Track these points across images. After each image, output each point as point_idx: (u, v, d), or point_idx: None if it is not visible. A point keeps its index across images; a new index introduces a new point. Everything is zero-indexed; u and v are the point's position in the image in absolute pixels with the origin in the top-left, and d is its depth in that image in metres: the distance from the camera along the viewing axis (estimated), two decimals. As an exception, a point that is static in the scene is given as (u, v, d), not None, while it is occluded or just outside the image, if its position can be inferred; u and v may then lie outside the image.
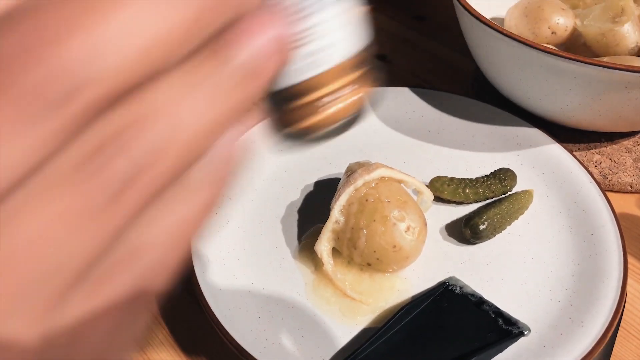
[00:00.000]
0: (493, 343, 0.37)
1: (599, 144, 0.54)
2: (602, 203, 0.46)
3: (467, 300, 0.40)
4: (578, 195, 0.47)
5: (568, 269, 0.43)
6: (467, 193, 0.47)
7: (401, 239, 0.40)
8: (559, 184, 0.49)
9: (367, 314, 0.40)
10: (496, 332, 0.38)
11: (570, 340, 0.38)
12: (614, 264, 0.42)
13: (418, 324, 0.38)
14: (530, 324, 0.39)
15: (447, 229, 0.46)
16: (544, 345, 0.38)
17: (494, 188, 0.47)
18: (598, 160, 0.53)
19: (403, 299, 0.41)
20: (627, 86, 0.45)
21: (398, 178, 0.42)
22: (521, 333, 0.38)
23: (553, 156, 0.50)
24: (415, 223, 0.41)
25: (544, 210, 0.47)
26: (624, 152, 0.53)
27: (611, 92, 0.46)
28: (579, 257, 0.43)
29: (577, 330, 0.38)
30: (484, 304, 0.39)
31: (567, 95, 0.48)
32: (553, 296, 0.41)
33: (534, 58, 0.46)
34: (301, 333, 0.39)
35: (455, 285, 0.41)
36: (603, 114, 0.49)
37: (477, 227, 0.44)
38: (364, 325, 0.39)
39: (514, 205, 0.46)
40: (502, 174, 0.48)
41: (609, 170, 0.52)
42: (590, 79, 0.45)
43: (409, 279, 0.42)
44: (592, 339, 0.37)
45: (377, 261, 0.40)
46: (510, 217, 0.45)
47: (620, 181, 0.51)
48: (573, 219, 0.46)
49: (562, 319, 0.39)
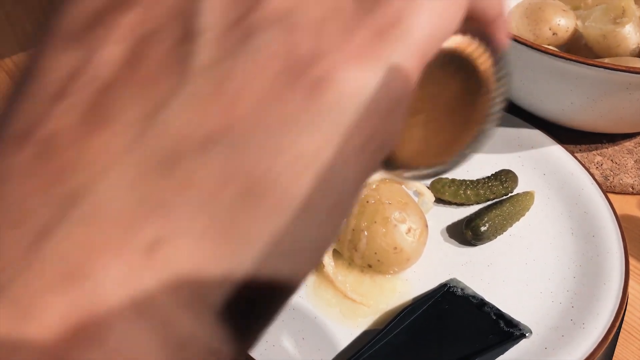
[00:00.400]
0: (494, 345, 0.37)
1: (600, 146, 0.54)
2: (604, 204, 0.46)
3: (468, 302, 0.40)
4: (579, 197, 0.47)
5: (569, 271, 0.43)
6: (468, 194, 0.47)
7: (402, 240, 0.40)
8: (560, 185, 0.49)
9: (368, 316, 0.40)
10: (497, 334, 0.38)
11: (572, 342, 0.38)
12: (616, 265, 0.42)
13: (419, 326, 0.38)
14: (532, 325, 0.38)
15: (448, 230, 0.46)
16: (545, 347, 0.38)
17: (495, 189, 0.47)
18: (599, 161, 0.53)
19: (404, 301, 0.41)
20: (628, 87, 0.45)
21: (399, 179, 0.42)
22: (522, 335, 0.38)
23: (554, 157, 0.50)
24: (416, 224, 0.40)
25: (545, 211, 0.47)
26: (625, 154, 0.53)
27: (612, 94, 0.46)
28: (580, 258, 0.43)
29: (579, 332, 0.38)
30: (485, 306, 0.39)
31: (568, 97, 0.48)
32: (554, 298, 0.41)
33: (535, 59, 0.46)
34: (302, 335, 0.39)
35: (456, 287, 0.41)
36: (604, 115, 0.49)
37: (478, 228, 0.43)
38: (365, 327, 0.39)
39: (515, 206, 0.46)
40: (503, 176, 0.48)
41: (610, 172, 0.52)
42: (591, 80, 0.45)
43: (409, 280, 0.42)
44: (593, 341, 0.37)
45: (377, 263, 0.40)
46: (512, 218, 0.45)
47: (621, 182, 0.51)
48: (574, 220, 0.46)
49: (564, 321, 0.39)
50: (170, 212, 0.12)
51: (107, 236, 0.12)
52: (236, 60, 0.13)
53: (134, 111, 0.13)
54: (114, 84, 0.13)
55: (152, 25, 0.13)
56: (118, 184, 0.12)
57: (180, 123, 0.13)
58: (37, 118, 0.13)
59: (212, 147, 0.13)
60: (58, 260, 0.12)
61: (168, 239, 0.12)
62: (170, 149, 0.12)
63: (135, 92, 0.13)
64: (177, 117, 0.13)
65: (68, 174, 0.12)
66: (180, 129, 0.13)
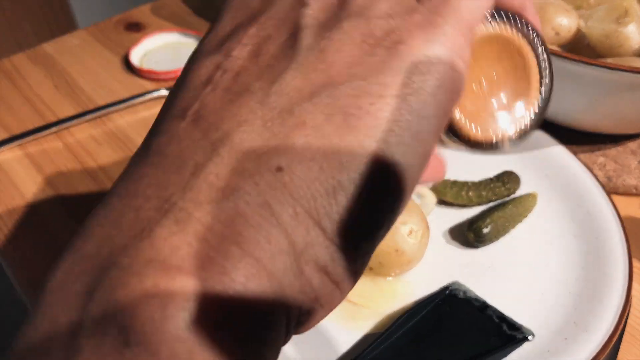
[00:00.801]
0: (496, 348, 0.36)
1: (603, 146, 0.53)
2: (607, 206, 0.45)
3: (471, 305, 0.39)
4: (582, 198, 0.47)
5: (572, 273, 0.42)
6: (470, 196, 0.46)
7: (403, 242, 0.39)
8: (562, 186, 0.48)
9: (369, 319, 0.40)
10: (500, 337, 0.37)
11: (575, 345, 0.37)
12: (619, 267, 0.41)
13: (421, 329, 0.38)
14: (534, 328, 0.38)
15: (450, 232, 0.46)
16: (548, 350, 0.37)
17: (497, 191, 0.47)
18: (602, 162, 0.52)
19: (405, 304, 0.40)
20: (631, 87, 0.44)
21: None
22: (525, 338, 0.37)
23: (557, 158, 0.50)
24: (418, 226, 0.40)
25: (547, 213, 0.47)
26: (628, 154, 0.53)
27: (615, 94, 0.45)
28: (584, 260, 0.43)
29: (582, 335, 0.38)
30: (487, 309, 0.39)
31: (570, 97, 0.48)
32: (557, 300, 0.41)
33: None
34: (302, 337, 0.38)
35: (458, 290, 0.40)
36: (607, 115, 0.48)
37: (480, 230, 0.43)
38: (366, 330, 0.39)
39: (517, 208, 0.45)
40: (506, 177, 0.47)
41: (613, 173, 0.51)
42: (594, 80, 0.45)
43: (411, 283, 0.42)
44: (596, 344, 0.37)
45: (379, 265, 0.40)
46: (514, 220, 0.45)
47: (624, 184, 0.51)
48: (577, 222, 0.46)
49: (567, 324, 0.39)
50: (288, 146, 0.17)
51: (245, 164, 0.17)
52: (331, 39, 0.18)
53: (259, 84, 0.18)
54: (243, 71, 0.18)
55: (267, 32, 0.19)
56: (250, 130, 0.17)
57: (293, 85, 0.18)
58: (193, 98, 0.18)
59: (317, 96, 0.17)
60: (210, 183, 0.17)
61: (289, 164, 0.17)
62: (287, 103, 0.17)
63: (259, 73, 0.18)
64: (290, 82, 0.18)
65: (213, 130, 0.17)
66: (293, 88, 0.18)
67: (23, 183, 0.52)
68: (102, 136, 0.57)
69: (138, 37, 0.70)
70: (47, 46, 0.69)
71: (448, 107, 0.19)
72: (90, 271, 0.16)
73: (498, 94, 0.22)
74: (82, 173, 0.53)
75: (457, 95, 0.19)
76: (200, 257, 0.16)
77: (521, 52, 0.22)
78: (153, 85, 0.63)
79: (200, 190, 0.16)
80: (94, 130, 0.57)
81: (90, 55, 0.68)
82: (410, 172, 0.18)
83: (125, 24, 0.74)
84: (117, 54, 0.68)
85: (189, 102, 0.18)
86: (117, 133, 0.57)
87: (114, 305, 0.15)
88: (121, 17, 0.75)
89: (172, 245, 0.16)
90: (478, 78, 0.22)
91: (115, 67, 0.66)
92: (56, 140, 0.56)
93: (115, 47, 0.69)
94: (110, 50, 0.69)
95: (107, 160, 0.54)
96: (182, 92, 0.19)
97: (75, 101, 0.61)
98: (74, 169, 0.53)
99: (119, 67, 0.66)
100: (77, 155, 0.55)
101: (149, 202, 0.17)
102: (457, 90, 0.19)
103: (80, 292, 0.16)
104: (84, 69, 0.66)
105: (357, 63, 0.18)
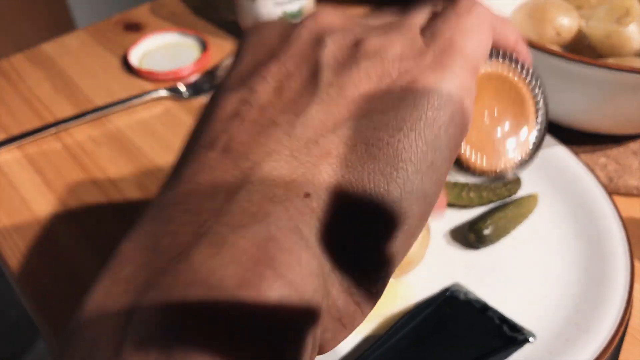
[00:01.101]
0: (497, 350, 0.36)
1: (604, 147, 0.53)
2: (608, 207, 0.45)
3: (471, 307, 0.39)
4: (583, 199, 0.46)
5: (573, 274, 0.42)
6: (471, 197, 0.46)
7: (404, 244, 0.39)
8: (564, 187, 0.48)
9: (370, 321, 0.39)
10: (501, 338, 0.37)
11: (576, 346, 0.37)
12: (621, 268, 0.41)
13: (421, 331, 0.37)
14: (536, 330, 0.38)
15: (450, 233, 0.46)
16: (549, 352, 0.37)
17: (498, 192, 0.47)
18: (604, 163, 0.52)
19: (406, 306, 0.40)
20: (632, 88, 0.44)
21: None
22: (526, 340, 0.37)
23: (558, 159, 0.50)
24: (418, 228, 0.40)
25: (549, 214, 0.47)
26: (630, 155, 0.53)
27: (617, 94, 0.45)
28: (585, 261, 0.43)
29: (583, 336, 0.38)
30: (488, 310, 0.39)
31: (571, 97, 0.47)
32: (558, 302, 0.40)
33: (539, 59, 0.46)
34: (302, 340, 0.38)
35: (459, 292, 0.40)
36: (609, 116, 0.48)
37: (481, 231, 0.43)
38: (366, 333, 0.39)
39: (518, 209, 0.45)
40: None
41: (614, 173, 0.51)
42: (595, 80, 0.45)
43: (411, 285, 0.42)
44: (598, 346, 0.37)
45: (379, 266, 0.40)
46: (515, 221, 0.45)
47: (626, 184, 0.51)
48: (578, 222, 0.45)
49: (568, 325, 0.39)
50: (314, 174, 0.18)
51: (275, 190, 0.18)
52: (350, 77, 0.20)
53: (284, 117, 0.19)
54: (268, 105, 0.20)
55: (288, 69, 0.21)
56: (279, 158, 0.19)
57: (318, 118, 0.19)
58: (221, 130, 0.20)
59: (340, 128, 0.19)
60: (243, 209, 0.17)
61: (317, 190, 0.18)
62: (312, 134, 0.19)
63: (283, 107, 0.20)
64: (315, 115, 0.19)
65: (243, 159, 0.19)
66: (318, 121, 0.19)
67: (21, 184, 0.52)
68: (101, 137, 0.56)
69: (137, 37, 0.70)
70: (46, 46, 0.69)
71: (459, 139, 0.20)
72: (130, 293, 0.17)
73: (498, 126, 0.24)
74: (81, 174, 0.52)
75: (465, 128, 0.20)
76: (237, 278, 0.16)
77: (517, 88, 0.24)
78: (152, 85, 0.63)
79: (234, 215, 0.17)
80: (93, 131, 0.57)
81: (89, 55, 0.68)
82: (427, 199, 0.19)
83: (124, 24, 0.73)
84: (116, 54, 0.68)
85: (217, 134, 0.20)
86: (116, 134, 0.57)
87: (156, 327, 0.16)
88: (120, 17, 0.74)
89: (210, 267, 0.16)
90: (480, 112, 0.24)
91: (114, 67, 0.66)
92: (55, 141, 0.56)
93: (114, 47, 0.69)
94: (109, 51, 0.69)
95: (106, 160, 0.54)
96: (209, 124, 0.20)
97: (74, 102, 0.61)
98: (73, 170, 0.53)
99: (118, 68, 0.66)
100: (76, 156, 0.54)
101: (184, 227, 0.17)
102: (465, 123, 0.20)
103: (121, 313, 0.16)
104: (82, 70, 0.66)
105: (375, 98, 0.19)
